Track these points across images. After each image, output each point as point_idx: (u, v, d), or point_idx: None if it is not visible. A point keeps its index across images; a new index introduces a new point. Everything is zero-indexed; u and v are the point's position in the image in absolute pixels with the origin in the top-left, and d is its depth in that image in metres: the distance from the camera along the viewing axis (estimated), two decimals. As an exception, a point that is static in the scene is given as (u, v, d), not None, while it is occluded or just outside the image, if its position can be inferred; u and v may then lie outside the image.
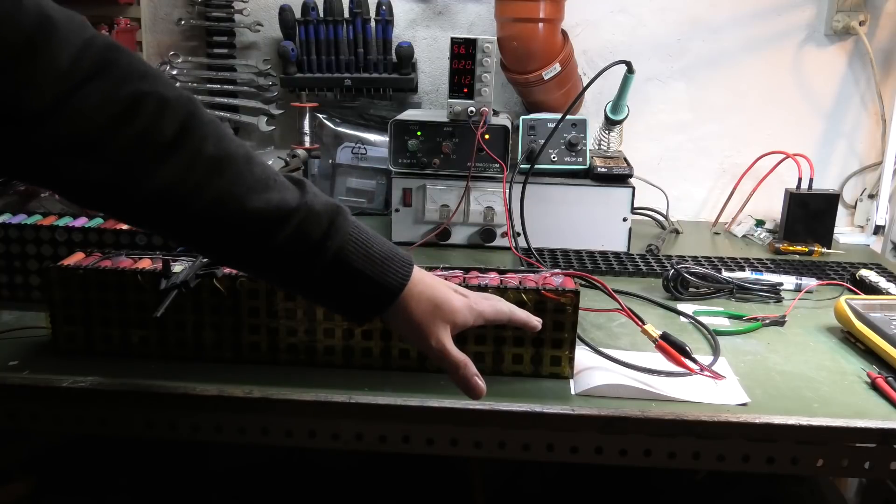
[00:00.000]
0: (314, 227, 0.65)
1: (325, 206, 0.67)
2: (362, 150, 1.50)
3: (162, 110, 0.60)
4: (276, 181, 0.66)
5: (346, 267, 0.67)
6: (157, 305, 0.80)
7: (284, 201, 0.65)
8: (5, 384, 0.80)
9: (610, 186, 1.31)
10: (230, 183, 0.63)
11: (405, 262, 0.70)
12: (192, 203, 0.62)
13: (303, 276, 0.67)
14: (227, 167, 0.63)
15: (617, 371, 0.84)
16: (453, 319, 0.72)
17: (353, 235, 0.67)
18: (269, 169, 0.66)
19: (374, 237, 0.69)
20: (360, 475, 1.38)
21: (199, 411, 0.81)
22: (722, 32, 1.53)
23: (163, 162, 0.60)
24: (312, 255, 0.66)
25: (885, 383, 0.83)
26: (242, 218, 0.63)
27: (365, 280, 0.68)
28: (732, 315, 1.04)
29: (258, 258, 0.66)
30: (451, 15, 1.56)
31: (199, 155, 0.61)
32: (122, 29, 1.49)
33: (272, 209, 0.64)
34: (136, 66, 0.61)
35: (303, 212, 0.65)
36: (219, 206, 0.62)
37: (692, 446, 0.78)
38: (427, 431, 0.81)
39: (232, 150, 0.64)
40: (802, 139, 1.56)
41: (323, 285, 0.68)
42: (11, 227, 0.98)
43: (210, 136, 0.62)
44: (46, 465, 1.29)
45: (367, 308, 0.70)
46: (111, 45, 0.60)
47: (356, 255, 0.67)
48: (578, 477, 1.40)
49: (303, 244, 0.65)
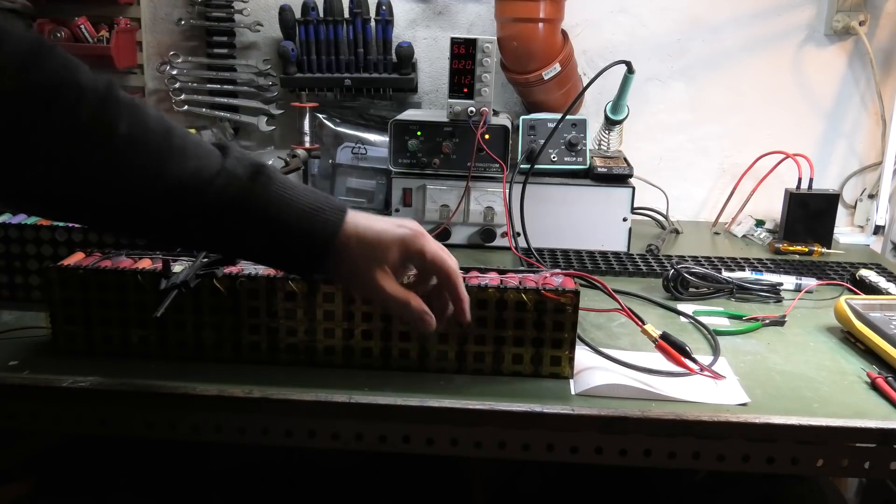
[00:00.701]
0: (237, 188, 0.67)
1: (246, 168, 0.68)
2: (362, 150, 1.50)
3: (78, 97, 0.62)
4: (197, 150, 0.67)
5: (273, 224, 0.68)
6: (157, 305, 0.80)
7: (205, 168, 0.66)
8: (5, 384, 0.80)
9: (610, 186, 1.31)
10: (146, 158, 0.65)
11: (337, 210, 0.70)
12: (115, 182, 0.64)
13: (236, 240, 0.69)
14: (141, 144, 0.65)
15: (617, 371, 0.84)
16: (386, 256, 0.71)
17: (279, 193, 0.68)
18: (189, 138, 0.67)
19: (302, 192, 0.70)
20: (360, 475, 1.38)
21: (199, 411, 0.81)
22: (722, 32, 1.53)
23: (78, 145, 0.63)
24: (238, 216, 0.67)
25: (885, 383, 0.83)
26: (164, 189, 0.65)
27: (297, 234, 0.69)
28: (732, 315, 1.04)
29: (188, 229, 0.68)
30: (451, 15, 1.56)
31: (113, 135, 0.63)
32: (122, 29, 1.49)
33: (188, 176, 0.66)
34: (56, 59, 0.63)
35: (223, 176, 0.67)
36: (137, 184, 0.65)
37: (692, 446, 0.78)
38: (427, 431, 0.81)
39: (148, 126, 0.65)
40: (802, 139, 1.56)
41: (257, 246, 0.70)
42: (11, 227, 0.98)
43: (125, 117, 0.64)
44: (46, 465, 1.29)
45: (305, 262, 0.71)
46: (34, 41, 0.62)
47: (283, 212, 0.68)
48: (578, 477, 1.40)
49: (227, 207, 0.67)
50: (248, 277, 0.83)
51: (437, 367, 0.85)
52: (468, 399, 0.79)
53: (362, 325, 0.84)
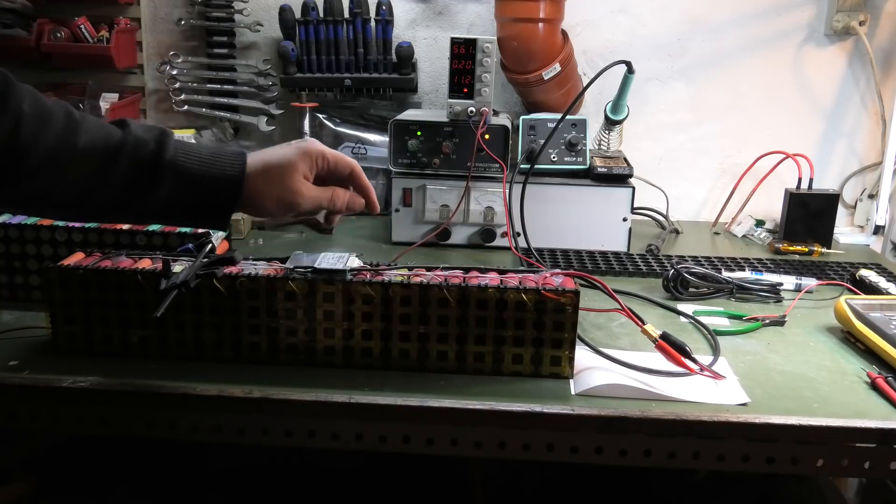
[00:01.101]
0: (145, 152, 0.72)
1: (150, 132, 0.74)
2: (362, 150, 1.50)
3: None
4: (100, 124, 0.72)
5: (185, 175, 0.73)
6: (157, 305, 0.80)
7: (110, 136, 0.71)
8: (5, 384, 0.80)
9: (610, 186, 1.31)
10: (57, 133, 0.69)
11: (237, 154, 0.77)
12: (29, 158, 0.68)
13: (151, 199, 0.73)
14: (49, 120, 0.69)
15: (617, 371, 0.84)
16: (296, 168, 0.78)
17: (183, 148, 0.74)
18: (89, 117, 0.73)
19: (200, 145, 0.76)
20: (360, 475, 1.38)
21: (199, 411, 0.81)
22: (722, 32, 1.53)
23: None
24: (151, 175, 0.72)
25: (885, 383, 0.83)
26: (78, 161, 0.70)
27: (208, 180, 0.74)
28: (732, 315, 1.04)
29: (107, 197, 0.72)
30: (451, 15, 1.56)
31: (21, 115, 0.68)
32: (122, 29, 1.49)
33: (100, 145, 0.71)
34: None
35: (130, 140, 0.72)
36: (54, 155, 0.69)
37: (692, 446, 0.78)
38: (427, 431, 0.81)
39: (50, 106, 0.70)
40: (802, 139, 1.56)
41: (173, 201, 0.74)
42: (11, 227, 0.98)
43: (26, 98, 0.69)
44: (46, 465, 1.29)
45: (224, 205, 0.76)
46: None
47: (190, 163, 0.74)
48: (578, 477, 1.40)
49: (140, 168, 0.72)
50: (248, 277, 0.83)
51: (437, 367, 0.85)
52: (468, 399, 0.79)
53: (362, 325, 0.84)
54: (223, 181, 0.75)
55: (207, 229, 0.85)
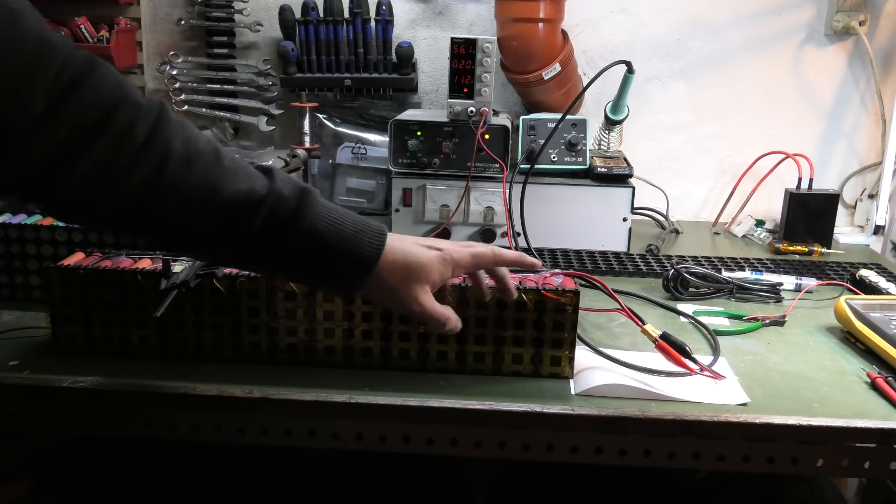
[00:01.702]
0: (285, 210, 0.69)
1: (293, 190, 0.70)
2: (362, 150, 1.50)
3: (135, 116, 0.63)
4: (245, 171, 0.69)
5: (319, 245, 0.70)
6: (157, 305, 0.80)
7: (254, 189, 0.68)
8: (5, 384, 0.80)
9: (610, 186, 1.31)
10: (201, 177, 0.66)
11: (378, 233, 0.73)
12: (168, 200, 0.65)
13: (280, 259, 0.71)
14: (195, 162, 0.66)
15: (617, 371, 0.84)
16: (429, 278, 0.75)
17: (324, 214, 0.71)
18: (238, 161, 0.70)
19: (344, 214, 0.72)
20: (360, 475, 1.38)
21: (199, 411, 0.81)
22: (722, 32, 1.53)
23: (136, 166, 0.63)
24: (285, 236, 0.69)
25: (885, 383, 0.83)
26: (216, 209, 0.67)
27: (340, 254, 0.71)
28: (732, 315, 1.04)
29: (235, 248, 0.70)
30: (451, 15, 1.56)
31: (169, 154, 0.65)
32: (122, 29, 1.49)
33: (243, 197, 0.67)
34: (110, 76, 0.64)
35: (273, 196, 0.69)
36: (192, 201, 0.66)
37: (692, 446, 0.78)
38: (427, 431, 0.81)
39: (200, 146, 0.67)
40: (802, 139, 1.56)
41: (301, 265, 0.72)
42: (11, 227, 0.98)
43: (178, 135, 0.66)
44: (46, 465, 1.29)
45: (346, 281, 0.73)
46: (89, 58, 0.63)
47: (328, 232, 0.70)
48: (578, 477, 1.40)
49: (275, 227, 0.69)
50: (249, 277, 0.83)
51: (437, 367, 0.85)
52: (468, 399, 0.79)
53: (362, 325, 0.84)
54: (354, 260, 0.71)
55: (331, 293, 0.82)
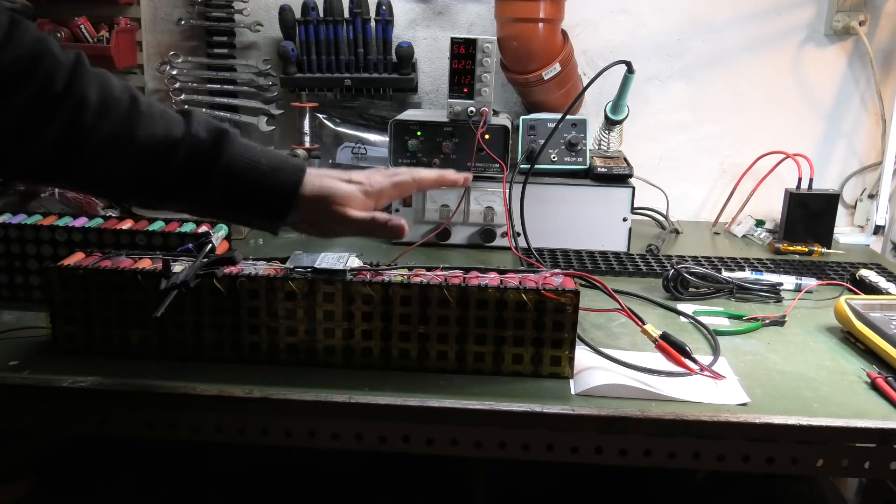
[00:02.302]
0: (201, 152, 0.72)
1: (209, 132, 0.73)
2: (362, 150, 1.49)
3: (54, 67, 0.67)
4: (163, 116, 0.72)
5: (236, 183, 0.73)
6: (157, 305, 0.80)
7: (170, 133, 0.72)
8: (5, 384, 0.80)
9: (610, 186, 1.31)
10: (117, 124, 0.70)
11: (296, 169, 0.76)
12: (84, 147, 0.69)
13: (202, 199, 0.74)
14: (112, 109, 0.70)
15: (617, 371, 0.84)
16: (350, 204, 0.78)
17: (240, 154, 0.73)
18: (154, 105, 0.73)
19: (261, 152, 0.75)
20: (360, 475, 1.38)
21: (199, 411, 0.81)
22: (722, 32, 1.53)
23: (54, 113, 0.67)
24: (202, 177, 0.72)
25: (885, 383, 0.83)
26: (133, 154, 0.70)
27: (258, 191, 0.74)
28: (732, 315, 1.04)
29: (156, 190, 0.73)
30: (451, 15, 1.56)
31: (85, 102, 0.68)
32: (122, 29, 1.49)
33: (159, 141, 0.71)
34: (31, 33, 0.67)
35: (189, 139, 0.72)
36: (109, 147, 0.70)
37: (692, 446, 0.78)
38: (427, 431, 0.81)
39: (116, 94, 0.71)
40: (802, 139, 1.56)
41: (223, 203, 0.75)
42: (11, 227, 0.98)
43: (93, 85, 0.69)
44: (46, 465, 1.29)
45: (267, 217, 0.76)
46: (10, 18, 0.67)
47: (245, 171, 0.73)
48: (578, 477, 1.40)
49: (192, 168, 0.72)
50: (248, 277, 0.83)
51: (437, 367, 0.85)
52: (468, 399, 0.79)
53: (362, 325, 0.84)
54: (276, 195, 0.75)
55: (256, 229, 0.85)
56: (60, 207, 1.18)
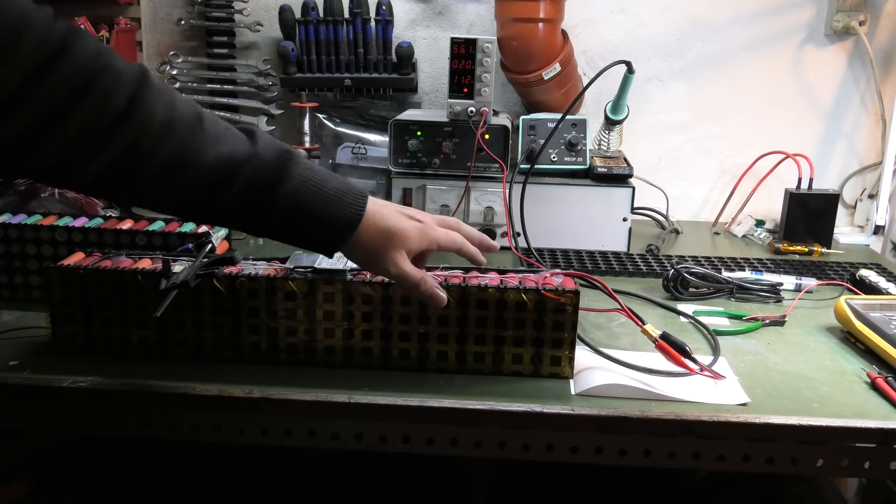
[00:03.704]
0: (265, 174, 0.70)
1: (275, 153, 0.71)
2: (362, 150, 1.50)
3: (115, 84, 0.64)
4: (227, 135, 0.70)
5: (301, 207, 0.72)
6: (157, 305, 0.80)
7: (236, 153, 0.69)
8: (5, 384, 0.80)
9: (610, 186, 1.31)
10: (182, 144, 0.67)
11: (359, 197, 0.75)
12: (148, 166, 0.67)
13: (261, 221, 0.73)
14: (177, 129, 0.67)
15: (617, 371, 0.84)
16: (407, 246, 0.76)
17: (306, 177, 0.72)
18: (219, 124, 0.71)
19: (327, 176, 0.74)
20: (360, 475, 1.38)
21: (199, 411, 0.81)
22: (722, 32, 1.53)
23: (116, 132, 0.64)
24: (268, 199, 0.71)
25: (885, 383, 0.83)
26: (198, 174, 0.68)
27: (321, 217, 0.73)
28: (732, 315, 1.04)
29: (216, 210, 0.71)
30: (451, 15, 1.56)
31: (149, 121, 0.66)
32: (122, 29, 1.49)
33: (223, 162, 0.69)
34: (91, 46, 0.64)
35: (254, 161, 0.70)
36: (173, 166, 0.67)
37: (692, 446, 0.78)
38: (427, 431, 0.81)
39: (181, 112, 0.68)
40: (802, 139, 1.56)
41: (281, 226, 0.74)
42: (11, 227, 0.98)
43: (159, 103, 0.66)
44: (46, 465, 1.29)
45: (325, 243, 0.75)
46: (69, 29, 0.64)
47: (309, 196, 0.72)
48: (578, 477, 1.40)
49: (258, 191, 0.70)
50: (248, 277, 0.83)
51: (437, 367, 0.85)
52: (468, 399, 0.79)
53: (362, 325, 0.84)
54: (334, 223, 0.73)
55: None
56: (60, 207, 1.18)
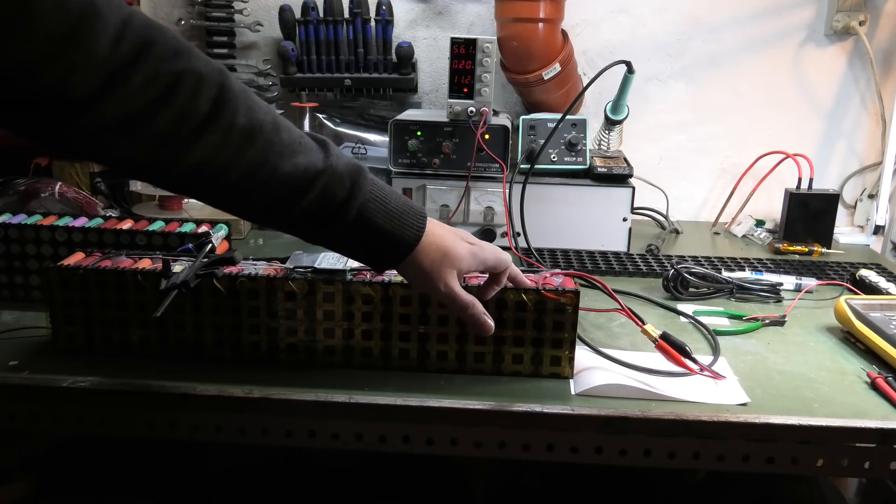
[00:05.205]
0: (338, 188, 0.70)
1: (347, 167, 0.72)
2: (362, 150, 1.50)
3: (198, 87, 0.63)
4: (302, 144, 0.70)
5: (368, 223, 0.72)
6: (157, 305, 0.80)
7: (312, 164, 0.69)
8: (5, 384, 0.80)
9: (610, 186, 1.31)
10: (262, 151, 0.67)
11: (419, 216, 0.76)
12: (228, 173, 0.66)
13: (329, 233, 0.73)
14: (257, 136, 0.67)
15: (617, 371, 0.84)
16: (459, 266, 0.77)
17: (374, 193, 0.73)
18: (294, 132, 0.70)
19: (390, 193, 0.74)
20: (360, 475, 1.38)
21: (199, 411, 0.81)
22: (722, 32, 1.53)
23: (200, 137, 0.64)
24: (338, 213, 0.71)
25: (885, 383, 0.83)
26: (275, 183, 0.68)
27: (385, 234, 0.73)
28: (732, 315, 1.04)
29: (288, 218, 0.71)
30: (451, 15, 1.56)
31: (232, 127, 0.65)
32: (122, 29, 1.49)
33: (300, 173, 0.69)
34: (171, 44, 0.63)
35: (328, 173, 0.70)
36: (252, 175, 0.67)
37: (692, 446, 0.78)
38: (427, 431, 0.81)
39: (261, 118, 0.67)
40: (802, 139, 1.56)
41: (347, 240, 0.74)
42: (11, 227, 0.98)
43: (241, 108, 0.66)
44: (46, 465, 1.29)
45: (386, 259, 0.76)
46: (147, 24, 0.62)
47: (376, 213, 0.72)
48: (578, 477, 1.40)
49: (329, 204, 0.70)
50: (248, 277, 0.83)
51: (437, 367, 0.85)
52: (468, 399, 0.79)
53: (362, 325, 0.84)
54: (397, 241, 0.74)
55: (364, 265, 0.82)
56: (60, 207, 1.18)
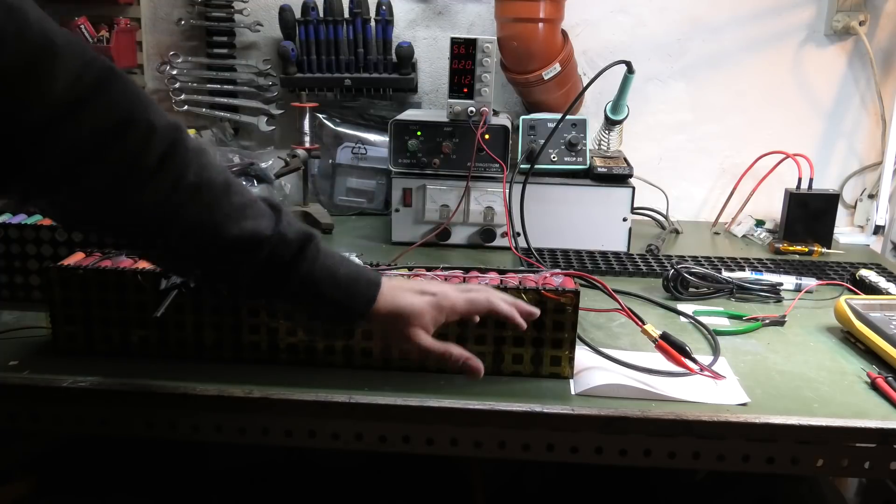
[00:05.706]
0: (284, 254, 0.68)
1: (297, 234, 0.70)
2: (362, 150, 1.50)
3: (149, 135, 0.62)
4: (253, 208, 0.68)
5: (313, 291, 0.70)
6: (157, 305, 0.80)
7: (259, 229, 0.67)
8: (5, 384, 0.80)
9: (610, 186, 1.31)
10: (208, 210, 0.65)
11: (371, 283, 0.73)
12: (171, 228, 0.65)
13: (274, 298, 0.71)
14: (205, 194, 0.65)
15: (617, 371, 0.84)
16: (420, 322, 0.75)
17: (321, 262, 0.70)
18: (247, 195, 0.68)
19: (341, 262, 0.73)
20: (360, 475, 1.38)
21: (199, 411, 0.81)
22: (722, 32, 1.53)
23: (145, 187, 0.62)
24: (282, 279, 0.69)
25: (885, 383, 0.83)
26: (218, 245, 0.66)
27: (331, 303, 0.72)
28: (732, 315, 1.04)
29: (231, 281, 0.70)
30: (451, 15, 1.56)
31: (179, 182, 0.63)
32: (122, 29, 1.50)
33: (247, 236, 0.67)
34: (131, 93, 0.62)
35: (275, 239, 0.68)
36: (195, 233, 0.65)
37: (692, 446, 0.78)
38: (427, 431, 0.81)
39: (212, 177, 0.66)
40: (802, 139, 1.56)
41: (293, 306, 0.73)
42: (11, 227, 0.98)
43: (192, 165, 0.64)
44: (46, 465, 1.29)
45: (336, 325, 0.75)
46: (109, 68, 0.61)
47: (323, 282, 0.70)
48: (578, 477, 1.40)
49: (273, 269, 0.69)
50: (248, 277, 0.83)
51: (438, 367, 0.85)
52: (468, 399, 0.79)
53: (362, 325, 0.84)
54: (348, 309, 0.72)
55: None
56: (60, 207, 1.18)
